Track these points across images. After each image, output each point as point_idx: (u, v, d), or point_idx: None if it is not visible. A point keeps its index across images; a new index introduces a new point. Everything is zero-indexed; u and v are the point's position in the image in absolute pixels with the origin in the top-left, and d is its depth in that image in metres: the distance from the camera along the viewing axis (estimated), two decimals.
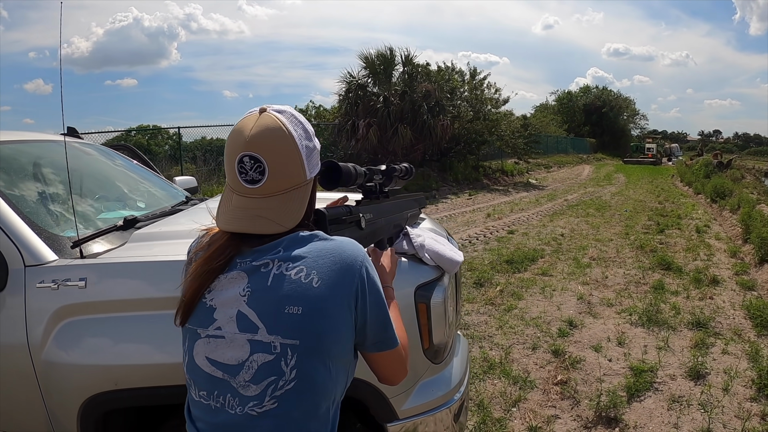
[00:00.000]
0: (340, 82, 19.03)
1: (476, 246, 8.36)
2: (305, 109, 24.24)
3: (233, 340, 1.11)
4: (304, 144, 1.20)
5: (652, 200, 14.63)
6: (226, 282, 1.15)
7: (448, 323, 1.96)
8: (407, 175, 1.99)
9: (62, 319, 1.71)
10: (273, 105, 1.22)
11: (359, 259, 1.18)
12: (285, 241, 1.18)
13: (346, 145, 18.84)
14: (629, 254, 7.59)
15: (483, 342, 4.38)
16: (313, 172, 1.24)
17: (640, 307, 5.06)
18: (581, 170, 30.53)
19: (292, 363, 1.09)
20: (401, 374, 1.29)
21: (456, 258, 1.99)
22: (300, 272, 1.12)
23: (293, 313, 1.09)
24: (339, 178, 1.47)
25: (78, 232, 1.89)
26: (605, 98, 57.78)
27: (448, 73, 21.57)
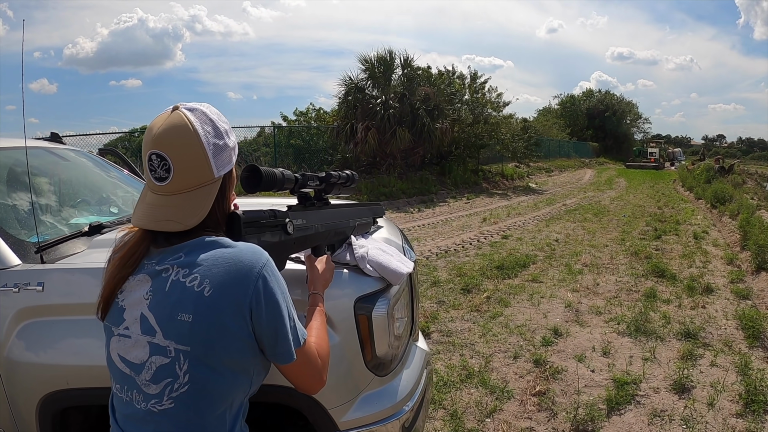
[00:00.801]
0: (339, 84, 18.91)
1: (468, 251, 8.24)
2: (306, 111, 24.11)
3: (137, 341, 1.17)
4: (211, 142, 1.21)
5: (651, 205, 14.46)
6: (135, 284, 1.20)
7: (393, 335, 1.87)
8: (349, 182, 1.96)
9: (22, 320, 1.78)
10: (187, 103, 1.24)
11: (256, 269, 1.17)
12: (188, 246, 1.20)
13: (345, 148, 18.73)
14: (623, 261, 7.44)
15: (464, 350, 4.25)
16: (222, 170, 1.24)
17: (629, 316, 4.92)
18: (583, 174, 30.38)
19: (185, 368, 1.13)
20: (315, 384, 1.31)
21: (401, 270, 1.90)
22: (194, 280, 1.14)
23: (184, 321, 1.12)
24: (259, 182, 1.45)
25: (41, 238, 1.97)
26: (608, 102, 57.77)
27: (448, 77, 21.45)
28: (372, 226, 2.36)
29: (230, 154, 1.27)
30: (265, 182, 1.45)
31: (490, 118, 21.54)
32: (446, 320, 4.96)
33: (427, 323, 4.81)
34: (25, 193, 2.40)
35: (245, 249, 1.20)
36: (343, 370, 1.73)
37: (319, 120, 22.95)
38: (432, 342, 4.44)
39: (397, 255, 2.02)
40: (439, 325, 4.83)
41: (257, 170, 1.44)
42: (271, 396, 1.65)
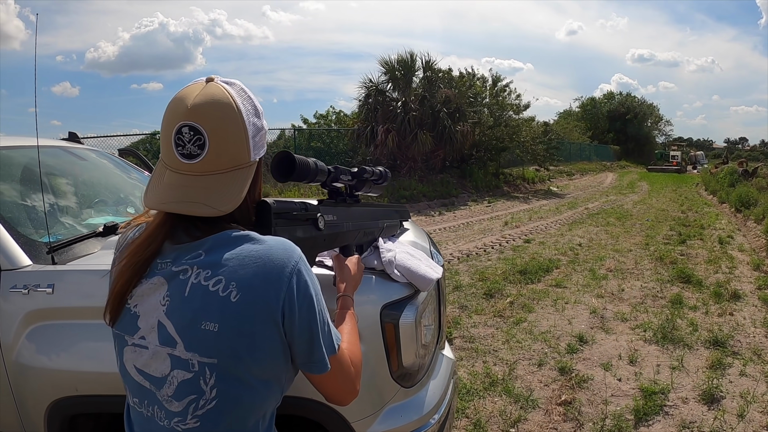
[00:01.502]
0: (359, 87, 18.94)
1: (490, 255, 8.17)
2: (326, 114, 24.21)
3: (156, 353, 1.04)
4: (252, 121, 1.09)
5: (674, 209, 14.27)
6: (148, 288, 1.06)
7: (421, 344, 1.81)
8: (381, 179, 1.86)
9: (31, 323, 1.74)
10: (221, 77, 1.11)
11: (288, 268, 1.04)
12: (209, 241, 1.06)
13: (365, 151, 18.72)
14: (648, 266, 7.33)
15: (487, 356, 4.20)
16: (258, 153, 1.12)
17: (656, 323, 4.83)
18: (604, 178, 30.09)
19: (212, 382, 1.01)
20: (347, 395, 1.18)
21: (430, 275, 1.81)
22: (218, 283, 1.00)
23: (209, 330, 0.99)
24: (292, 171, 1.34)
25: (54, 238, 1.94)
26: (629, 105, 57.20)
27: (469, 79, 21.36)
28: (399, 229, 2.30)
29: (264, 137, 1.15)
30: (298, 171, 1.34)
31: (511, 120, 21.43)
32: (469, 326, 4.92)
33: (449, 329, 4.77)
34: (39, 193, 2.35)
35: (275, 245, 1.06)
36: (367, 381, 1.63)
37: (339, 123, 23.00)
38: (455, 348, 4.40)
39: (425, 260, 1.94)
40: (462, 330, 4.79)
41: (290, 157, 1.34)
42: (288, 407, 1.54)
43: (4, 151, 2.53)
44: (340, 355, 1.13)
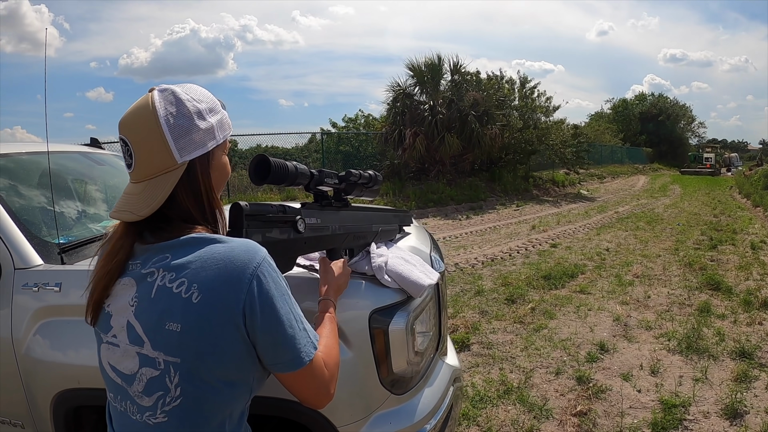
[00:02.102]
0: (387, 90, 18.92)
1: (515, 260, 8.07)
2: (354, 117, 24.28)
3: (126, 351, 1.10)
4: (173, 122, 1.10)
5: (707, 213, 13.89)
6: (120, 288, 1.12)
7: (413, 351, 1.78)
8: (371, 182, 1.82)
9: (40, 319, 1.85)
10: (169, 85, 1.17)
11: (249, 270, 1.06)
12: (176, 244, 1.10)
13: (393, 154, 18.66)
14: (676, 272, 7.15)
15: (504, 363, 4.13)
16: (188, 154, 1.12)
17: (681, 332, 4.69)
18: (636, 181, 29.57)
19: (176, 380, 1.05)
20: (321, 397, 1.20)
21: (421, 281, 1.78)
22: (181, 285, 1.05)
23: (173, 330, 1.04)
24: (267, 174, 1.34)
25: (65, 240, 2.12)
26: (662, 106, 56.15)
27: (497, 82, 21.18)
28: (397, 234, 2.26)
29: (203, 136, 1.14)
30: (273, 174, 1.34)
31: (540, 123, 21.20)
32: (488, 331, 4.84)
33: (467, 334, 4.70)
34: (57, 196, 2.46)
35: (238, 247, 1.09)
36: (356, 387, 1.66)
37: (368, 126, 23.03)
38: (471, 354, 4.34)
39: (420, 265, 1.92)
40: (480, 336, 4.71)
41: (265, 160, 1.34)
42: (274, 409, 1.60)
43: (24, 156, 2.63)
44: (313, 359, 1.15)
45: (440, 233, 11.13)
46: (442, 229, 11.88)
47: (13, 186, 2.35)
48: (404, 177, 17.90)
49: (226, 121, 1.23)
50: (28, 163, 2.60)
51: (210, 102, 1.19)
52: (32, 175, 2.56)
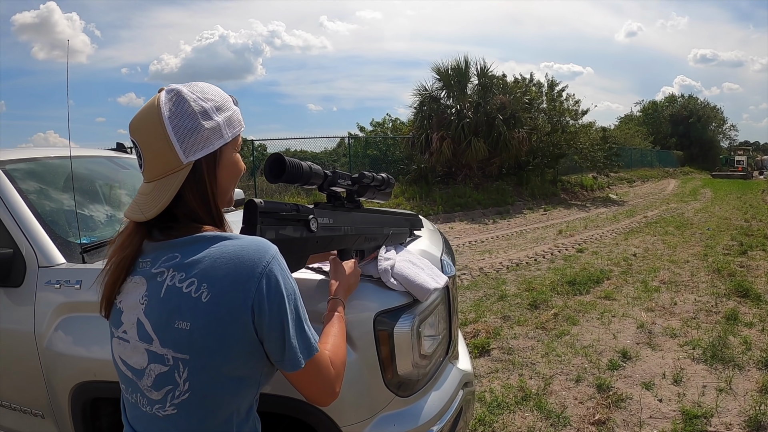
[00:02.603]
0: (414, 95, 18.96)
1: (540, 264, 8.01)
2: (382, 122, 24.32)
3: (135, 347, 1.12)
4: (178, 123, 1.11)
5: (738, 218, 13.54)
6: (131, 286, 1.15)
7: (419, 354, 1.80)
8: (384, 185, 1.86)
9: (61, 314, 1.94)
10: (177, 84, 1.18)
11: (259, 268, 1.08)
12: (185, 242, 1.12)
13: (420, 158, 18.64)
14: (704, 278, 7.00)
15: (524, 369, 4.10)
16: (193, 154, 1.13)
17: (706, 340, 4.60)
18: (666, 185, 29.07)
19: (185, 376, 1.08)
20: (325, 395, 1.21)
21: (428, 285, 1.79)
22: (191, 285, 1.07)
23: (182, 329, 1.06)
24: (282, 172, 1.38)
25: (87, 240, 2.25)
26: (692, 108, 55.28)
27: (525, 85, 21.03)
28: (407, 237, 2.27)
29: (208, 135, 1.14)
30: (288, 173, 1.38)
31: (568, 126, 20.99)
32: (509, 337, 4.81)
33: (488, 339, 4.68)
34: (80, 198, 2.60)
35: (248, 245, 1.10)
36: (361, 388, 1.68)
37: (395, 130, 23.05)
38: (491, 359, 4.31)
39: (428, 269, 1.93)
40: (501, 341, 4.68)
41: (280, 159, 1.37)
42: (282, 407, 1.63)
43: (51, 160, 2.75)
44: (318, 356, 1.17)
45: (466, 237, 11.09)
46: (468, 233, 11.84)
47: (40, 188, 2.46)
48: (431, 181, 17.90)
49: (236, 118, 1.22)
50: (55, 167, 2.71)
51: (218, 99, 1.18)
52: (59, 178, 2.65)
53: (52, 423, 2.05)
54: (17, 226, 2.11)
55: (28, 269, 2.03)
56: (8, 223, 2.12)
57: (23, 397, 2.10)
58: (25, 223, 2.12)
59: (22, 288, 2.02)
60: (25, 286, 2.02)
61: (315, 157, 21.21)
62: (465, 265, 8.08)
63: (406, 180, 17.99)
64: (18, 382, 2.10)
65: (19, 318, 2.01)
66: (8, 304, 2.05)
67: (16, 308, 2.03)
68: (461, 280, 7.09)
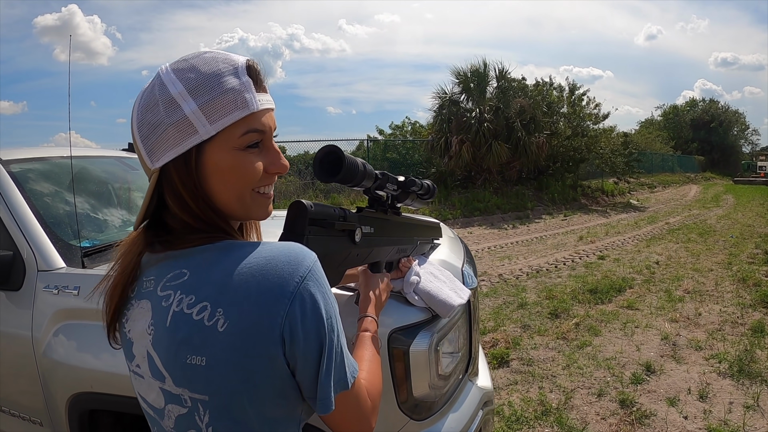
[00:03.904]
0: (433, 98, 18.87)
1: (561, 272, 7.86)
2: (401, 125, 24.28)
3: (150, 385, 0.91)
4: (141, 117, 0.89)
5: (761, 225, 13.23)
6: (138, 311, 0.93)
7: (437, 374, 1.66)
8: (427, 194, 1.64)
9: (59, 321, 1.89)
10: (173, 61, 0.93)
11: (290, 286, 0.83)
12: (194, 253, 0.90)
13: (440, 161, 18.54)
14: (729, 288, 6.81)
15: (544, 382, 3.98)
16: (158, 160, 0.89)
17: (732, 354, 4.45)
18: (687, 190, 28.66)
19: (206, 420, 0.86)
20: (361, 431, 0.98)
21: (451, 301, 1.64)
22: (203, 311, 0.83)
23: (196, 365, 0.84)
24: (339, 170, 1.12)
25: (89, 244, 2.18)
26: (713, 112, 54.68)
27: (545, 88, 20.87)
28: (430, 247, 2.10)
29: (174, 133, 0.87)
30: (345, 171, 1.12)
31: (589, 131, 20.77)
32: (529, 347, 4.70)
33: (507, 349, 4.58)
34: (84, 200, 2.57)
35: (277, 255, 0.86)
36: None
37: (414, 134, 22.99)
38: (510, 371, 4.21)
39: (450, 281, 1.78)
40: (521, 352, 4.58)
41: (337, 153, 1.11)
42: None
43: (56, 160, 2.68)
44: (355, 388, 0.95)
45: (485, 243, 10.97)
46: (488, 238, 11.72)
47: (45, 189, 2.41)
48: (450, 185, 17.79)
49: (227, 101, 0.88)
50: (62, 167, 2.64)
51: (196, 77, 0.88)
52: (64, 178, 2.57)
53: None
54: (18, 227, 2.06)
55: (27, 272, 1.99)
56: (9, 225, 2.07)
57: (22, 403, 2.07)
58: (25, 225, 2.07)
59: (21, 291, 1.98)
60: (24, 289, 1.98)
61: None
62: (484, 271, 7.97)
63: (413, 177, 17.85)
64: (17, 387, 2.06)
65: (17, 322, 1.97)
66: (8, 308, 2.01)
67: (15, 312, 1.99)
68: (480, 287, 6.98)
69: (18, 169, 2.36)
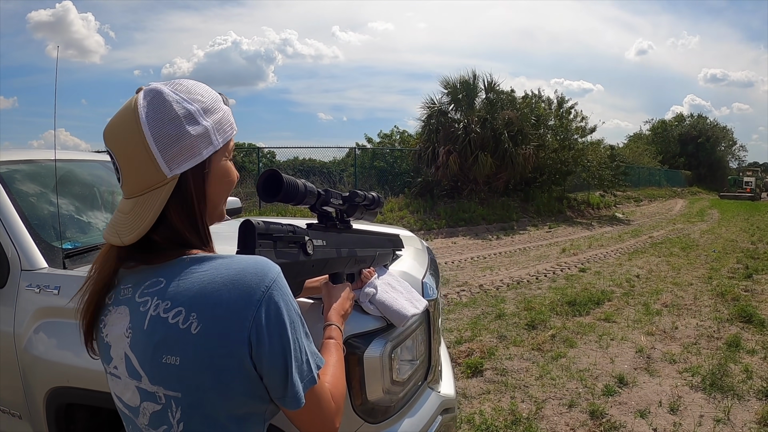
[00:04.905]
0: (422, 108, 18.97)
1: (541, 283, 7.90)
2: (390, 133, 24.31)
3: (126, 384, 1.01)
4: (157, 129, 0.95)
5: (744, 240, 13.35)
6: (116, 316, 1.02)
7: (391, 380, 1.72)
8: (373, 204, 1.71)
9: (39, 318, 1.97)
10: (157, 83, 1.02)
11: (257, 295, 0.93)
12: (170, 266, 0.99)
13: (427, 171, 18.59)
14: (707, 302, 6.87)
15: (516, 392, 4.00)
16: (179, 166, 0.97)
17: (706, 367, 4.48)
18: (673, 205, 28.87)
19: (178, 416, 0.95)
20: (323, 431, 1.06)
21: (405, 311, 1.70)
22: (178, 315, 0.93)
23: (171, 364, 0.93)
24: (278, 191, 1.24)
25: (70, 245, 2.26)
26: (701, 128, 55.32)
27: (534, 101, 20.98)
28: (390, 258, 2.13)
29: (194, 143, 0.98)
30: (285, 191, 1.24)
31: (576, 144, 20.88)
32: (504, 357, 4.71)
33: (482, 359, 4.59)
34: (67, 203, 2.63)
35: (246, 267, 0.96)
36: None
37: (403, 143, 23.04)
38: (484, 380, 4.22)
39: (407, 292, 1.84)
40: (495, 362, 4.59)
41: (276, 176, 1.23)
42: None
43: (42, 162, 2.72)
44: (319, 388, 1.03)
45: (468, 253, 11.00)
46: (471, 248, 11.75)
47: (31, 190, 2.48)
48: (436, 195, 17.82)
49: (226, 120, 1.06)
50: (47, 169, 2.67)
51: (205, 100, 1.03)
52: (49, 180, 2.61)
53: (29, 425, 2.07)
54: (3, 228, 2.14)
55: (12, 271, 2.07)
56: None
57: (2, 397, 2.13)
58: (11, 226, 2.15)
59: (6, 289, 2.06)
60: (8, 287, 2.06)
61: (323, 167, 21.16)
62: (465, 281, 7.99)
63: (412, 193, 17.90)
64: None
65: (1, 319, 2.04)
66: None
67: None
68: (459, 297, 6.99)
69: (4, 170, 2.43)
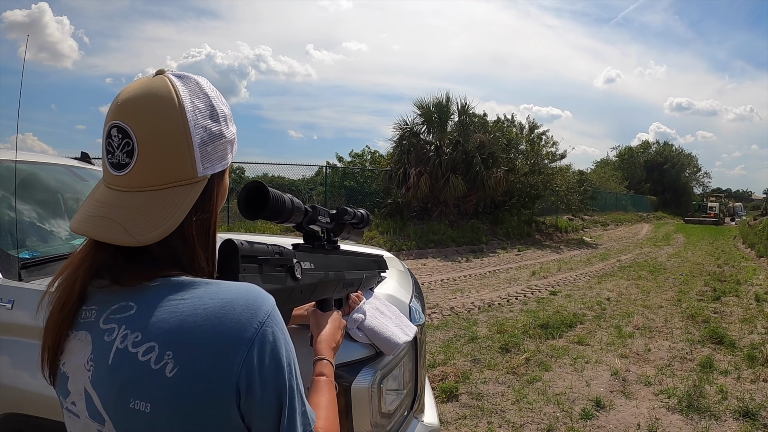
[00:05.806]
0: (394, 128, 19.00)
1: (513, 306, 7.84)
2: (361, 153, 24.26)
3: (86, 425, 0.80)
4: (201, 123, 0.84)
5: (710, 263, 13.63)
6: (75, 344, 0.83)
7: (379, 412, 1.59)
8: (362, 223, 1.57)
9: None
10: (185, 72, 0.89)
11: (249, 332, 0.76)
12: (142, 290, 0.80)
13: (397, 192, 18.55)
14: (678, 324, 6.89)
15: (493, 417, 3.90)
16: (210, 167, 0.85)
17: (681, 389, 4.45)
18: (639, 229, 29.36)
19: None
20: None
21: (396, 338, 1.57)
22: (150, 351, 0.75)
23: (140, 410, 0.74)
24: (264, 207, 1.09)
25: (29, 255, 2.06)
26: (667, 154, 57.13)
27: (505, 125, 21.19)
28: (377, 280, 1.98)
29: (225, 148, 0.89)
30: (270, 208, 1.10)
31: (546, 168, 21.11)
32: (479, 381, 4.62)
33: (457, 383, 4.48)
34: (28, 209, 2.43)
35: (235, 297, 0.79)
36: None
37: (374, 163, 22.98)
38: (459, 405, 4.11)
39: (396, 318, 1.70)
40: (470, 386, 4.49)
41: (262, 189, 1.09)
42: None
43: (3, 164, 2.48)
44: None
45: (438, 275, 10.92)
46: (441, 270, 11.68)
47: None
48: (406, 216, 17.78)
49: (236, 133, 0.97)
50: (7, 171, 2.43)
51: (229, 108, 0.94)
52: (9, 183, 2.39)
53: None
54: None
55: None
56: None
57: None
58: None
59: None
60: None
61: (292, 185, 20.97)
62: (436, 303, 7.89)
63: (382, 214, 17.83)
64: None
65: None
66: None
67: None
68: (431, 319, 6.89)
69: None
